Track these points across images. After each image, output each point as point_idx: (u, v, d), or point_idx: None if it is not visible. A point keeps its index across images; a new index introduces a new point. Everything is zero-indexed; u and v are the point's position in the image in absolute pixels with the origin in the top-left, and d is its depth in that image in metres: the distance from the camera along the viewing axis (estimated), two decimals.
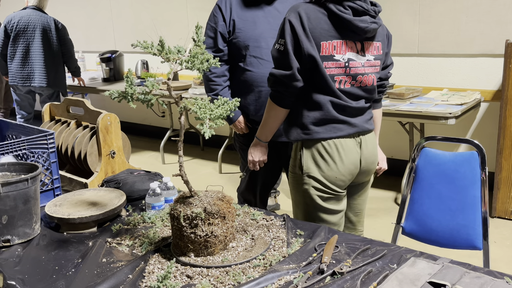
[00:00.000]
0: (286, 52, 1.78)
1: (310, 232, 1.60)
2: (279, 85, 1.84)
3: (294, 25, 1.76)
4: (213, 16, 2.40)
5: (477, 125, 3.93)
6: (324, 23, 1.78)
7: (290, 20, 1.77)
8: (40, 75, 4.70)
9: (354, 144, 1.91)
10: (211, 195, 1.51)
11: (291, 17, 1.77)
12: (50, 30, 4.70)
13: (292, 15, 1.77)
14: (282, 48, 1.79)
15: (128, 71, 1.43)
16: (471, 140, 1.95)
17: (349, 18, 1.78)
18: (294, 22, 1.76)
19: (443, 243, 1.96)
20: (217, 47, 2.39)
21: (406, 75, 4.20)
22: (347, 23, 1.79)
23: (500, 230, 3.33)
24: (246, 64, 2.36)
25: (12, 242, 1.60)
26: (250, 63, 2.35)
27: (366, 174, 2.01)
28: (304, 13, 1.77)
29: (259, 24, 2.34)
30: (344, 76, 1.85)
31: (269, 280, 1.31)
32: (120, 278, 1.36)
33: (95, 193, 1.88)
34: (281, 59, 1.81)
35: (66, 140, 2.23)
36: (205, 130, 1.34)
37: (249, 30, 2.34)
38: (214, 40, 2.39)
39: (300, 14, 1.77)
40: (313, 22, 1.77)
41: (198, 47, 1.46)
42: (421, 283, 1.24)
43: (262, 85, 2.36)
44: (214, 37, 2.39)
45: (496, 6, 3.66)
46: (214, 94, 2.41)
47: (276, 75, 1.83)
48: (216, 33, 2.38)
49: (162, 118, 5.94)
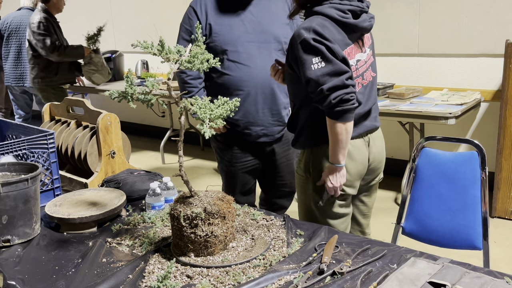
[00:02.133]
0: (332, 63, 1.72)
1: (310, 232, 1.60)
2: (343, 93, 1.72)
3: (318, 39, 1.71)
4: (188, 19, 2.36)
5: (477, 125, 3.93)
6: (337, 34, 1.77)
7: (313, 38, 1.71)
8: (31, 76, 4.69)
9: (363, 143, 1.91)
10: (211, 195, 1.51)
11: (310, 35, 1.71)
12: None
13: (310, 34, 1.72)
14: (323, 63, 1.72)
15: (128, 71, 1.43)
16: (471, 140, 1.95)
17: (353, 22, 1.79)
18: (316, 37, 1.71)
19: (443, 243, 1.96)
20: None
21: (406, 75, 4.20)
22: (353, 27, 1.79)
23: (500, 230, 3.33)
24: (224, 68, 2.33)
25: (12, 242, 1.60)
26: (228, 67, 2.33)
27: (374, 173, 2.00)
28: (319, 27, 1.72)
29: (235, 28, 2.32)
30: (357, 78, 1.85)
31: (269, 280, 1.31)
32: (120, 278, 1.36)
33: (95, 193, 1.88)
34: (329, 72, 1.72)
35: (66, 140, 2.23)
36: (205, 130, 1.34)
37: (226, 34, 2.32)
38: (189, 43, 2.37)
39: (317, 31, 1.72)
40: (330, 34, 1.74)
41: (198, 47, 1.46)
42: (421, 283, 1.24)
43: (240, 88, 2.34)
44: (189, 40, 2.36)
45: (496, 6, 3.66)
46: (189, 96, 2.36)
47: (337, 84, 1.71)
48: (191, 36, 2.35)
49: (162, 118, 5.94)
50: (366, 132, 1.92)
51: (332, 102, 1.72)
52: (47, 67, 4.39)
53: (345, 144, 1.79)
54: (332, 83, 1.70)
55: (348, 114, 1.75)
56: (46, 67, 4.39)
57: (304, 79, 1.76)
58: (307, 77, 1.74)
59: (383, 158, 2.02)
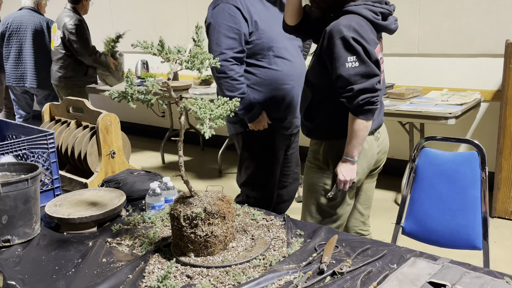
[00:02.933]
0: (366, 64, 1.79)
1: (310, 232, 1.60)
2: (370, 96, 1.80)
3: (358, 40, 1.78)
4: (230, 16, 2.35)
5: (477, 125, 3.93)
6: (370, 33, 1.84)
7: (352, 37, 1.77)
8: (31, 76, 4.69)
9: (373, 139, 2.02)
10: (211, 195, 1.51)
11: (351, 33, 1.78)
12: (43, 32, 4.67)
13: (350, 32, 1.78)
14: (357, 63, 1.78)
15: (128, 71, 1.43)
16: (471, 140, 1.95)
17: (384, 24, 1.89)
18: (357, 37, 1.78)
19: (443, 243, 1.96)
20: (241, 47, 2.38)
21: (406, 75, 4.20)
22: (382, 28, 1.90)
23: (500, 230, 3.33)
24: (270, 64, 2.41)
25: (12, 242, 1.60)
26: (275, 63, 2.42)
27: (378, 163, 2.13)
28: (358, 27, 1.79)
29: (274, 24, 2.40)
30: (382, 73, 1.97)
31: (269, 280, 1.31)
32: (120, 278, 1.36)
33: (95, 193, 1.88)
34: (361, 72, 1.79)
35: (66, 140, 2.23)
36: (205, 130, 1.34)
37: (269, 31, 2.39)
38: (237, 41, 2.36)
39: (356, 30, 1.79)
40: (367, 34, 1.82)
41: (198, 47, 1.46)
42: (421, 283, 1.24)
43: (287, 82, 2.44)
44: (236, 38, 2.35)
45: (496, 6, 3.66)
46: (241, 93, 2.38)
47: (368, 87, 1.79)
48: (239, 34, 2.36)
49: (162, 118, 5.93)
50: (376, 128, 2.03)
51: (360, 103, 1.80)
52: (78, 67, 4.50)
53: (362, 141, 1.89)
54: (363, 85, 1.79)
55: (371, 114, 1.85)
56: (77, 67, 4.50)
57: (335, 74, 1.83)
58: (339, 74, 1.81)
59: (387, 149, 2.15)
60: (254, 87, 2.43)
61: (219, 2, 2.42)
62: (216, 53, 2.32)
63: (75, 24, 4.30)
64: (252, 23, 2.37)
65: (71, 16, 4.34)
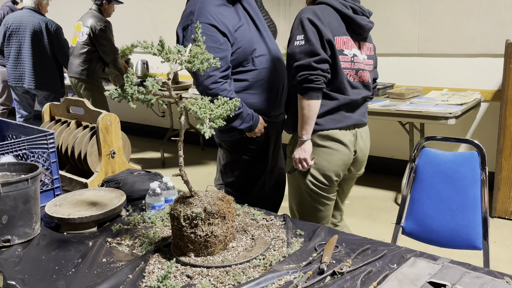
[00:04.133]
0: (310, 43, 1.91)
1: (310, 232, 1.60)
2: (308, 74, 1.91)
3: (312, 20, 1.91)
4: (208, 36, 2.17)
5: (477, 125, 3.93)
6: (334, 20, 1.96)
7: (308, 17, 1.92)
8: (29, 77, 4.69)
9: (350, 135, 2.08)
10: (211, 195, 1.51)
11: (308, 14, 1.92)
12: (41, 32, 4.67)
13: (308, 14, 1.92)
14: (303, 42, 1.91)
15: (128, 71, 1.43)
16: (471, 140, 1.95)
17: (352, 16, 1.98)
18: (312, 17, 1.91)
19: (443, 243, 1.96)
20: (227, 64, 2.24)
21: (406, 75, 4.20)
22: (350, 20, 1.99)
23: (500, 230, 3.33)
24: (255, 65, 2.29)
25: (12, 242, 1.60)
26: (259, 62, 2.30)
27: (358, 166, 2.18)
28: (318, 11, 1.94)
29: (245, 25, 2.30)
30: (350, 70, 2.03)
31: (269, 280, 1.31)
32: (120, 278, 1.36)
33: (95, 193, 1.88)
34: (305, 50, 1.91)
35: (66, 140, 2.23)
36: (205, 130, 1.34)
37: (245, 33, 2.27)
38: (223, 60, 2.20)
39: (315, 12, 1.93)
40: (327, 18, 1.94)
41: (198, 47, 1.46)
42: (421, 283, 1.24)
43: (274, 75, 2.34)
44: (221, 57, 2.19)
45: (496, 6, 3.66)
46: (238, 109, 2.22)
47: (304, 63, 1.90)
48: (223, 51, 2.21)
49: (162, 118, 5.94)
50: (354, 126, 2.08)
51: (297, 79, 1.93)
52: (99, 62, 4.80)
53: (308, 120, 1.97)
54: (300, 62, 1.91)
55: (312, 92, 1.93)
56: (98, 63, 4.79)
57: (288, 53, 1.97)
58: (287, 52, 1.97)
59: (367, 153, 2.20)
60: (248, 92, 2.36)
61: (188, 22, 2.22)
62: (203, 78, 2.17)
63: (105, 25, 4.66)
64: (231, 35, 2.23)
65: (99, 18, 4.69)
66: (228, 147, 2.46)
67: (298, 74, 1.92)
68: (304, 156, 2.03)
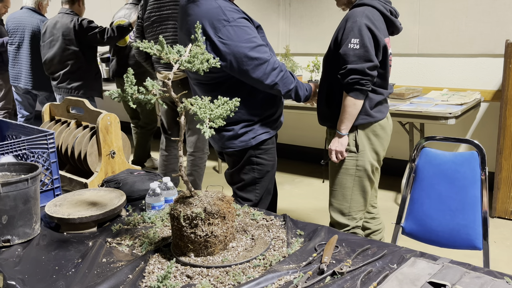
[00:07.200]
0: (365, 49, 2.03)
1: (310, 232, 1.60)
2: (360, 78, 2.04)
3: (370, 26, 2.04)
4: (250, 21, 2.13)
5: (477, 125, 3.93)
6: (381, 23, 2.12)
7: (365, 23, 2.03)
8: (26, 77, 4.69)
9: (387, 122, 2.28)
10: (211, 195, 1.51)
11: (364, 20, 2.04)
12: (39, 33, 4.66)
13: (363, 19, 2.04)
14: (358, 46, 2.03)
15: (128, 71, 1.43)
16: (471, 140, 1.95)
17: (393, 19, 2.17)
18: (369, 24, 2.04)
19: (443, 243, 1.96)
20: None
21: (406, 75, 4.20)
22: (391, 23, 2.18)
23: (500, 230, 3.33)
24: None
25: (12, 242, 1.60)
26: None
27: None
28: (370, 15, 2.07)
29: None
30: (390, 67, 2.24)
31: (269, 280, 1.30)
32: (120, 278, 1.36)
33: (95, 193, 1.88)
34: (359, 55, 2.03)
35: (66, 140, 2.23)
36: (205, 130, 1.34)
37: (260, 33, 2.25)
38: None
39: (369, 17, 2.05)
40: (378, 22, 2.08)
41: (198, 47, 1.46)
42: (421, 283, 1.24)
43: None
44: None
45: (496, 6, 3.66)
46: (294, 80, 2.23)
47: (358, 68, 2.03)
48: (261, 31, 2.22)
49: None
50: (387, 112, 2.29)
51: (349, 82, 2.06)
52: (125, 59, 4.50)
53: (350, 117, 2.13)
54: (354, 66, 2.03)
55: (360, 93, 2.08)
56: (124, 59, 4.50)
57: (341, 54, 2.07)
58: (341, 52, 2.07)
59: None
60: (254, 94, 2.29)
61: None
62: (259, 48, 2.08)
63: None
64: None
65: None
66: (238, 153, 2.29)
67: (351, 77, 2.05)
68: (341, 149, 2.19)
